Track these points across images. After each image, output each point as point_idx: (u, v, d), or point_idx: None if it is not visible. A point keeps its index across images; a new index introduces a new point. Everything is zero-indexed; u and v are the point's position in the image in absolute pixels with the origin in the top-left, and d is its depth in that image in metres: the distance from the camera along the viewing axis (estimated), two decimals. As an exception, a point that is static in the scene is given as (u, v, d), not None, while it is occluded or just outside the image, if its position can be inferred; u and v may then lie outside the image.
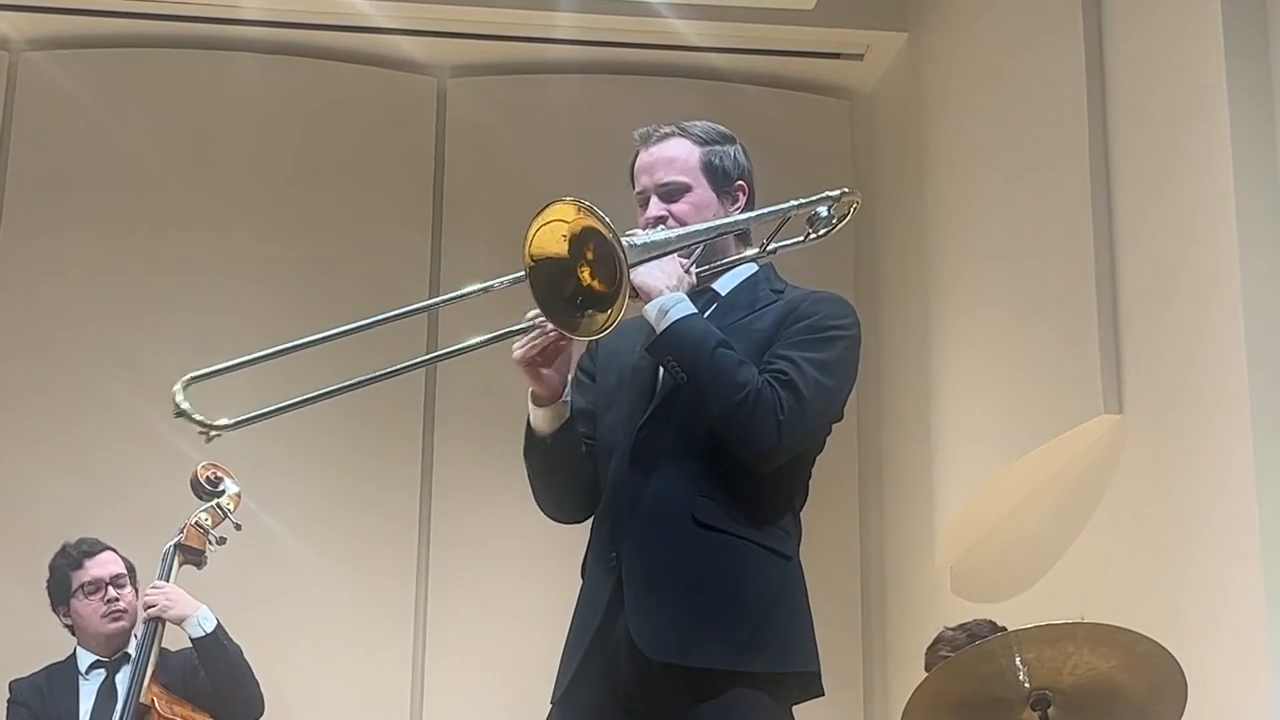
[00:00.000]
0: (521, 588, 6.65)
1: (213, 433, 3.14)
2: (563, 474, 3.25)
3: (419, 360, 3.94)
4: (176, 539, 5.27)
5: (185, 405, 3.10)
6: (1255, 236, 4.56)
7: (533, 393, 3.21)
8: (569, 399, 3.23)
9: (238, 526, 5.35)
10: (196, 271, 6.84)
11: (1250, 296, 4.53)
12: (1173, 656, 3.88)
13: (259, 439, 3.52)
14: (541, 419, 3.22)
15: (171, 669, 5.19)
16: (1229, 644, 4.45)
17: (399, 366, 3.33)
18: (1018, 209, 5.75)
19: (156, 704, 5.02)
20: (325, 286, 6.80)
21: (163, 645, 5.16)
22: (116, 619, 5.26)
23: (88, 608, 5.25)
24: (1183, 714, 3.93)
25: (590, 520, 3.28)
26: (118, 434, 6.61)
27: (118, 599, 5.26)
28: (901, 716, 4.08)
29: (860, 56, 7.22)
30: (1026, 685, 3.90)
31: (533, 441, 3.24)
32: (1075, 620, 3.98)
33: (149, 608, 5.16)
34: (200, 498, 5.35)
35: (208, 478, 5.38)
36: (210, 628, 5.17)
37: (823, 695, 3.15)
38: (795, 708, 3.15)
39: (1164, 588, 4.81)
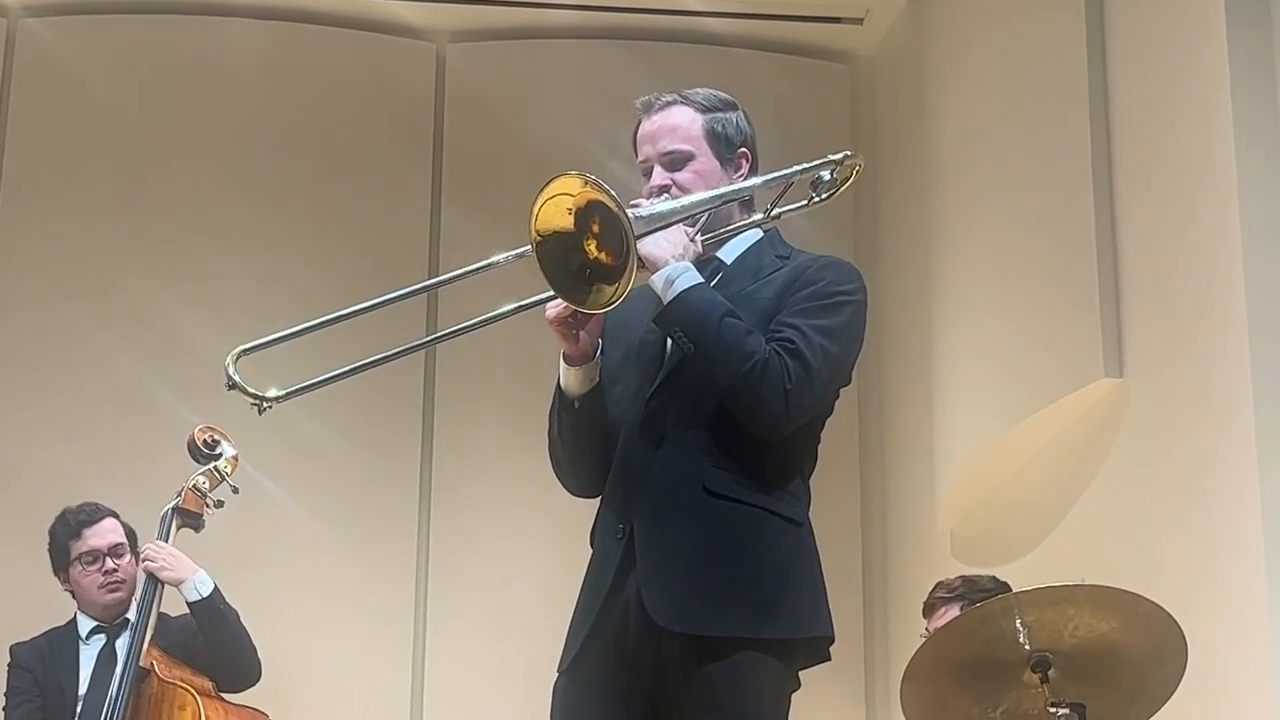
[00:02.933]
0: (524, 554, 6.65)
1: (265, 404, 3.14)
2: (589, 439, 3.23)
3: (444, 333, 3.93)
4: (174, 502, 5.27)
5: (237, 377, 3.12)
6: (1256, 200, 4.55)
7: (565, 353, 3.21)
8: (599, 361, 3.22)
9: (235, 490, 5.33)
10: (193, 237, 6.82)
11: (1251, 260, 4.52)
12: (1173, 618, 3.89)
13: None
14: (573, 379, 3.21)
15: (172, 633, 5.20)
16: (1230, 606, 4.47)
17: (430, 338, 3.32)
18: (1018, 173, 5.74)
19: (156, 667, 5.02)
20: (324, 253, 6.80)
21: (163, 610, 5.17)
22: (114, 590, 5.25)
23: (86, 578, 5.25)
24: (1183, 675, 3.94)
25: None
26: (117, 397, 6.60)
27: (116, 569, 5.25)
28: (902, 679, 4.08)
29: (860, 21, 7.20)
30: (1027, 647, 3.90)
31: (563, 403, 3.24)
32: (1076, 583, 3.99)
33: (147, 561, 5.16)
34: (197, 461, 5.33)
35: (205, 440, 5.35)
36: (207, 592, 5.16)
37: (829, 660, 3.16)
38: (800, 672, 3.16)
39: (1164, 550, 4.82)
